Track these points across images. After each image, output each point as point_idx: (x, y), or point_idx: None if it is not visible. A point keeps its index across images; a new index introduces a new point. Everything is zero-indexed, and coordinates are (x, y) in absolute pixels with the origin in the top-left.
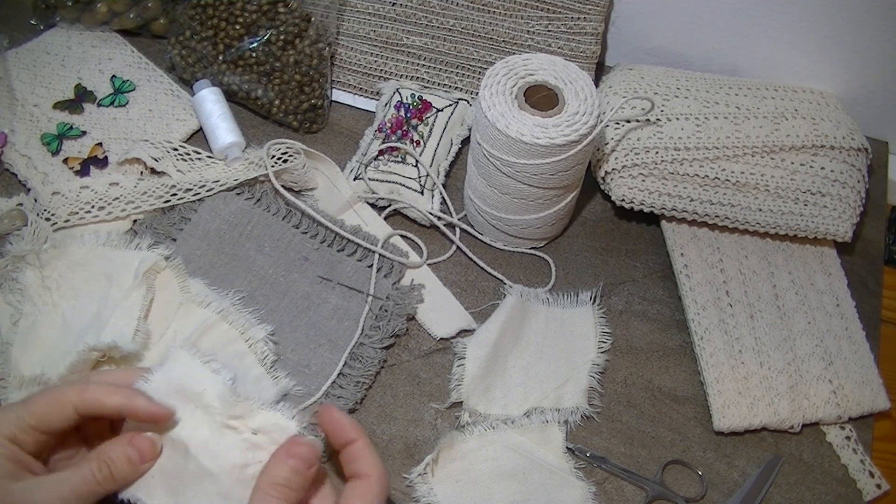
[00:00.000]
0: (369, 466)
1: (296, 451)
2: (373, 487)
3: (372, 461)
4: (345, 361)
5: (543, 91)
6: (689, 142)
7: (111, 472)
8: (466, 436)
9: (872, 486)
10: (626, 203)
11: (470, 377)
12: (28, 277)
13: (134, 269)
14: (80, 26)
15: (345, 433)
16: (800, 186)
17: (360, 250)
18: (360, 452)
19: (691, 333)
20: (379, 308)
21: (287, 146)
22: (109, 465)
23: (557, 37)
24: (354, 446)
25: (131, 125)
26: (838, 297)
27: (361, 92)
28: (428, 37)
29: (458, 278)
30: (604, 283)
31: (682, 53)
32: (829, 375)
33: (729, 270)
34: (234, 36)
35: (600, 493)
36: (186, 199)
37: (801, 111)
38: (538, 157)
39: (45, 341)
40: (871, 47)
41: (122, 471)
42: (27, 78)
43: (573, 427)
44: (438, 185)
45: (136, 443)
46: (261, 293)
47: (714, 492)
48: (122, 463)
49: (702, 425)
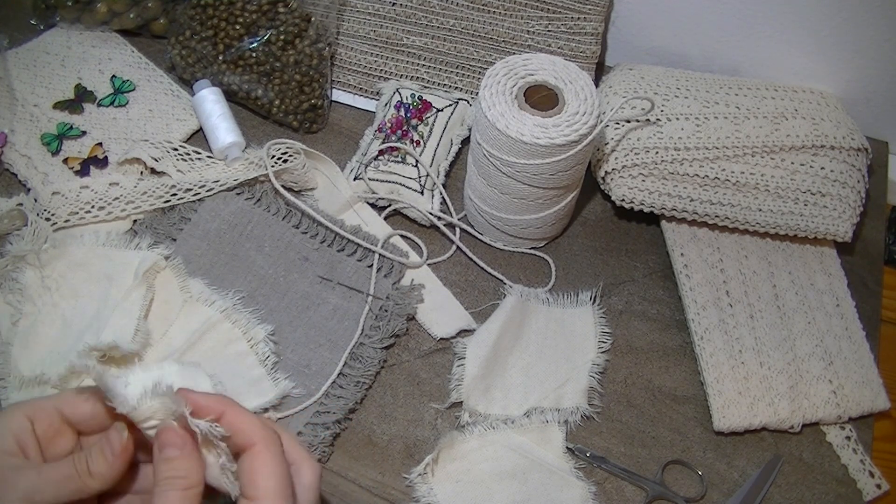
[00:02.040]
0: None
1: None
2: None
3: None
4: (345, 361)
5: (543, 91)
6: (689, 142)
7: (87, 465)
8: (466, 436)
9: (872, 486)
10: (626, 203)
11: (470, 377)
12: (28, 277)
13: (134, 268)
14: (80, 26)
15: (209, 411)
16: (800, 186)
17: (360, 250)
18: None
19: (691, 333)
20: (379, 308)
21: (287, 146)
22: (87, 458)
23: (557, 37)
24: (224, 419)
25: (131, 125)
26: (838, 297)
27: (361, 92)
28: (428, 37)
29: (458, 278)
30: (604, 283)
31: (682, 53)
32: (829, 375)
33: (729, 270)
34: (234, 36)
35: (600, 493)
36: (186, 199)
37: (801, 111)
38: (538, 157)
39: (45, 341)
40: (871, 47)
41: (97, 464)
42: (27, 78)
43: (573, 427)
44: (438, 185)
45: (109, 436)
46: (261, 293)
47: (714, 492)
48: (97, 456)
49: (702, 425)
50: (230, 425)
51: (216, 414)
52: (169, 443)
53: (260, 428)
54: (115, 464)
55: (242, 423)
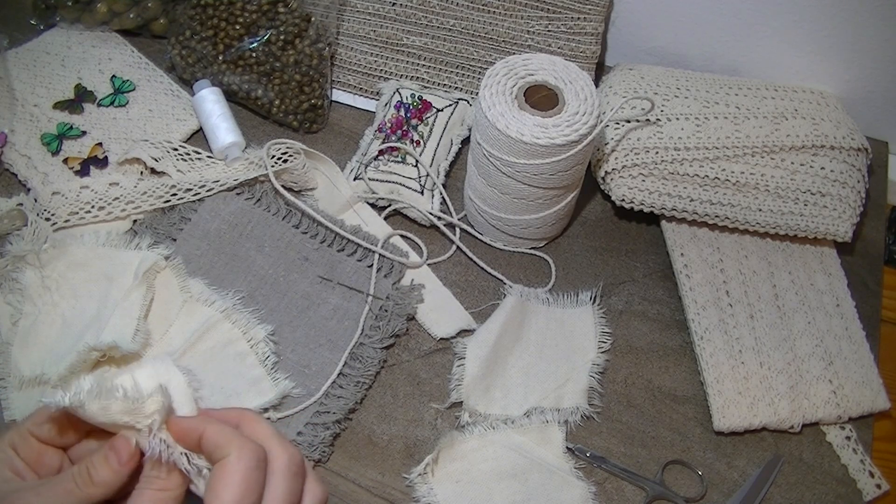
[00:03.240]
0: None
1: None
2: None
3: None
4: (345, 361)
5: (543, 91)
6: (689, 142)
7: (90, 475)
8: (466, 436)
9: (872, 486)
10: (626, 203)
11: (470, 377)
12: (28, 277)
13: (134, 269)
14: (80, 26)
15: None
16: (800, 186)
17: (360, 250)
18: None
19: (691, 333)
20: (379, 308)
21: (287, 146)
22: (89, 468)
23: (557, 37)
24: (204, 438)
25: (131, 125)
26: (838, 297)
27: (361, 92)
28: (428, 37)
29: (458, 278)
30: (604, 283)
31: (682, 53)
32: (829, 375)
33: (729, 270)
34: (234, 36)
35: (600, 493)
36: (186, 199)
37: (801, 111)
38: (538, 157)
39: (45, 341)
40: (871, 47)
41: (101, 474)
42: (27, 78)
43: (573, 427)
44: (438, 185)
45: (115, 444)
46: (261, 293)
47: (714, 492)
48: (101, 465)
49: (702, 425)
50: (208, 441)
51: (197, 435)
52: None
53: (234, 439)
54: (121, 471)
55: (219, 439)
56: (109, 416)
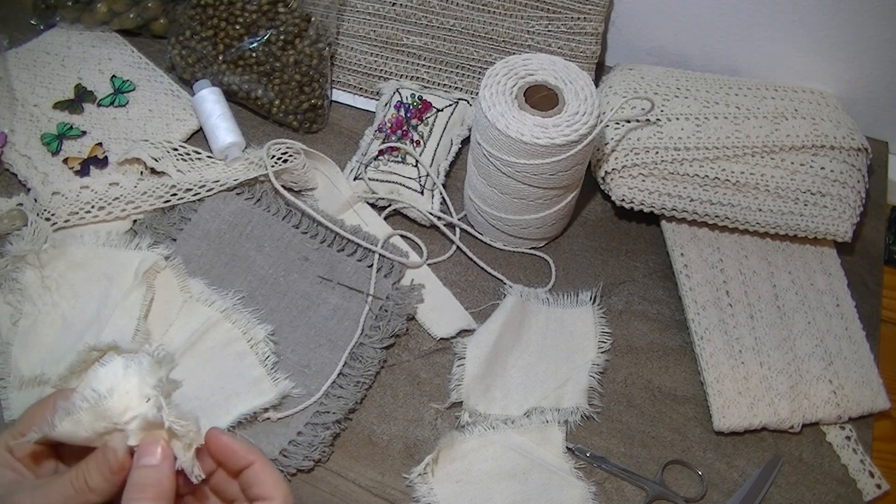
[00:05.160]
0: (271, 489)
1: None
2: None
3: (273, 482)
4: (345, 361)
5: (543, 91)
6: (689, 142)
7: (86, 482)
8: (466, 436)
9: (872, 486)
10: (626, 203)
11: (470, 377)
12: (28, 277)
13: (134, 268)
14: (80, 26)
15: (239, 457)
16: (800, 186)
17: (360, 250)
18: (260, 475)
19: (691, 333)
20: (379, 308)
21: (287, 146)
22: (85, 474)
23: (557, 37)
24: (252, 469)
25: (131, 125)
26: (838, 297)
27: (361, 92)
28: (428, 37)
29: (458, 278)
30: (604, 283)
31: (682, 53)
32: (829, 375)
33: (729, 270)
34: (234, 36)
35: (600, 493)
36: (186, 199)
37: (801, 111)
38: (538, 157)
39: (45, 341)
40: (871, 47)
41: (95, 481)
42: (27, 78)
43: (573, 427)
44: (438, 185)
45: (105, 455)
46: (261, 293)
47: (714, 492)
48: (95, 473)
49: (702, 425)
50: (256, 475)
51: (247, 462)
52: (147, 452)
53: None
54: (113, 480)
55: (269, 478)
56: (85, 427)
